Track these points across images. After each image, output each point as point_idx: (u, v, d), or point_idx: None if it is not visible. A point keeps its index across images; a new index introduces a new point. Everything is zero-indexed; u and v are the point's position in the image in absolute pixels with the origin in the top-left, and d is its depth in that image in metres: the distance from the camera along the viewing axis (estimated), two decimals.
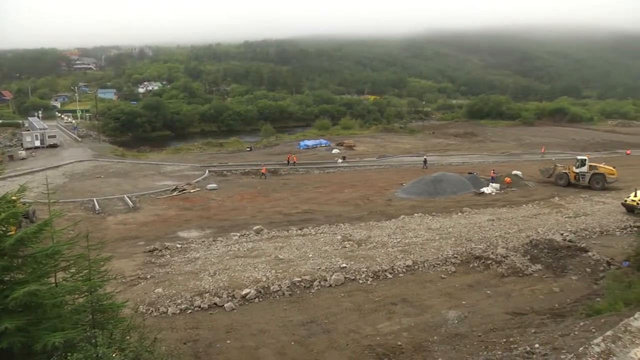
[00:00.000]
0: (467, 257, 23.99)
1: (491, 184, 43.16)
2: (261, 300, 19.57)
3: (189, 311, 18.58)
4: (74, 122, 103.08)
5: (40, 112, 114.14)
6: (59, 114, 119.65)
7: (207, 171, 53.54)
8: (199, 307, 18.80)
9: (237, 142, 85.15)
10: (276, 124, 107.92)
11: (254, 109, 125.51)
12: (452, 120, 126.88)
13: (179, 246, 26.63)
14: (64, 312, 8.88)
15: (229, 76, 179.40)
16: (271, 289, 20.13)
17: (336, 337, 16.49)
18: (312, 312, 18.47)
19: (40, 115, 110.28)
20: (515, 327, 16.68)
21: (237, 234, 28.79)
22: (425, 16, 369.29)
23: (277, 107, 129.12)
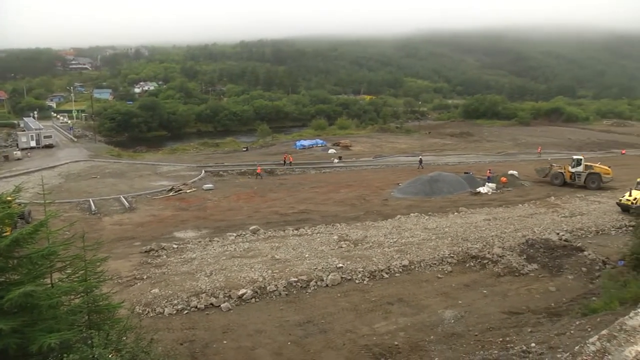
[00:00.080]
0: (463, 257, 24.06)
1: (487, 183, 43.25)
2: (258, 300, 19.57)
3: (186, 312, 18.57)
4: (69, 122, 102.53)
5: (35, 112, 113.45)
6: (55, 114, 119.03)
7: (203, 171, 53.40)
8: (196, 307, 18.80)
9: (234, 142, 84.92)
10: (272, 124, 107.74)
11: (250, 109, 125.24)
12: (448, 120, 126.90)
13: (175, 246, 26.59)
14: (59, 313, 8.85)
15: (225, 76, 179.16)
16: (267, 289, 20.14)
17: (333, 337, 16.51)
18: (308, 312, 18.48)
19: (35, 115, 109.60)
20: (511, 327, 16.73)
21: (234, 234, 28.77)
22: (420, 16, 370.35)
23: (274, 107, 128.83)
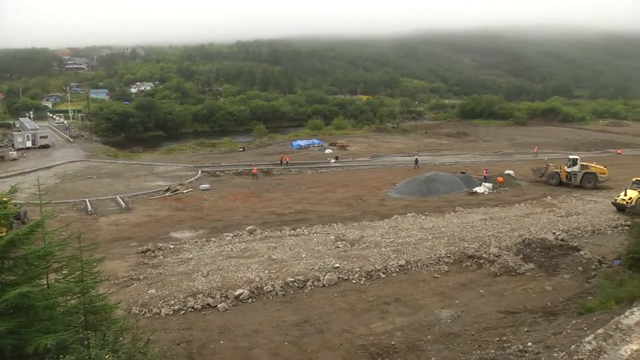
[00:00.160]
0: (460, 257, 24.09)
1: (484, 183, 43.32)
2: (254, 300, 19.55)
3: (182, 312, 18.54)
4: (65, 122, 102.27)
5: (31, 112, 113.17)
6: (51, 115, 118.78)
7: (199, 171, 53.35)
8: (192, 307, 18.77)
9: (230, 143, 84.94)
10: (269, 124, 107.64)
11: (246, 109, 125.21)
12: (444, 120, 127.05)
13: (171, 247, 26.55)
14: (56, 314, 8.81)
15: (221, 76, 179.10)
16: (264, 289, 20.13)
17: (330, 337, 16.51)
18: (305, 312, 18.48)
19: (31, 115, 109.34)
20: (508, 326, 16.76)
21: (230, 235, 28.74)
22: (417, 16, 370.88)
23: (270, 107, 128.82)
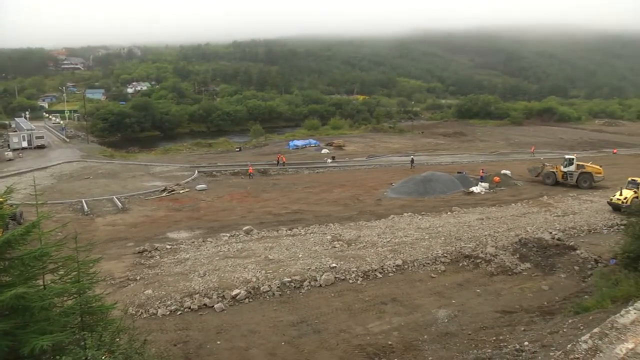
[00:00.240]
0: (456, 256, 24.15)
1: (480, 183, 43.42)
2: (251, 300, 19.55)
3: (179, 312, 18.52)
4: (61, 122, 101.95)
5: (27, 112, 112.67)
6: (47, 115, 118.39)
7: (196, 172, 53.24)
8: (189, 308, 18.75)
9: (227, 143, 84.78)
10: (265, 124, 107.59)
11: (243, 109, 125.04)
12: (441, 120, 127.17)
13: (168, 247, 26.51)
14: (52, 315, 8.78)
15: (218, 76, 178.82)
16: (261, 289, 20.12)
17: (327, 337, 16.51)
18: (302, 312, 18.48)
19: (27, 115, 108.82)
20: (504, 325, 16.81)
21: (227, 235, 28.72)
22: (413, 16, 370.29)
23: (267, 107, 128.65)
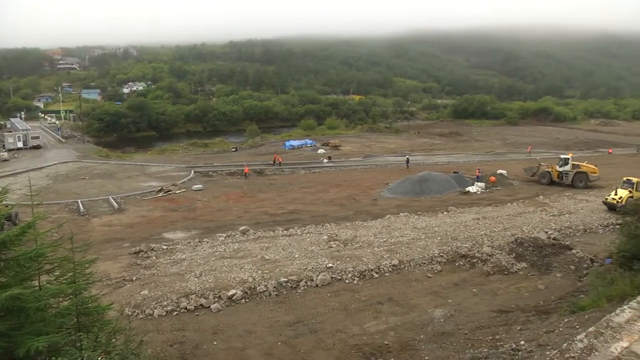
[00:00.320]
0: (452, 256, 24.17)
1: (476, 183, 43.51)
2: (247, 301, 19.52)
3: (175, 313, 18.48)
4: (57, 122, 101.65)
5: (22, 112, 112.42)
6: (42, 115, 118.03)
7: (192, 172, 53.20)
8: (185, 308, 18.71)
9: (223, 143, 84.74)
10: (262, 124, 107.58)
11: (239, 109, 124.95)
12: (437, 120, 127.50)
13: (164, 247, 26.45)
14: (47, 316, 8.75)
15: (214, 76, 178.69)
16: (257, 289, 20.10)
17: (323, 337, 16.50)
18: (298, 312, 18.47)
19: (22, 116, 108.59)
20: (500, 325, 16.83)
21: (223, 235, 28.68)
22: (409, 16, 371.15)
23: (263, 107, 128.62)
